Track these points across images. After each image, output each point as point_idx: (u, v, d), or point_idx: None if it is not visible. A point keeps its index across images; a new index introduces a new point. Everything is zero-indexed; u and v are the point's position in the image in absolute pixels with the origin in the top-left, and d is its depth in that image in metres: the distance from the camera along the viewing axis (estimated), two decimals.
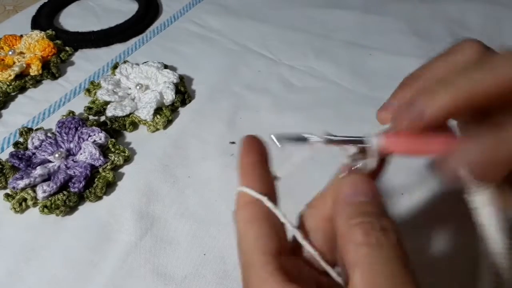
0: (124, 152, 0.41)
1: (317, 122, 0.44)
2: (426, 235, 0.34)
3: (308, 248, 0.19)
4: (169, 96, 0.46)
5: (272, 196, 0.20)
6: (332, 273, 0.19)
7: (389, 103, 0.21)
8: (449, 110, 0.17)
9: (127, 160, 0.42)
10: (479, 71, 0.17)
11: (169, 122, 0.45)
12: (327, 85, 0.48)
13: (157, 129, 0.45)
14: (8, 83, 0.50)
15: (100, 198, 0.39)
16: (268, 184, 0.20)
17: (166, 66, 0.51)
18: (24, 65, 0.51)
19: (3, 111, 0.49)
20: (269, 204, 0.19)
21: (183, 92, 0.48)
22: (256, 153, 0.21)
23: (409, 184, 0.37)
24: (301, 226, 0.20)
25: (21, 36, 0.56)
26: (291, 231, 0.20)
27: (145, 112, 0.44)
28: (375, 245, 0.16)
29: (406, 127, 0.18)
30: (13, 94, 0.50)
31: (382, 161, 0.21)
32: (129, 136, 0.45)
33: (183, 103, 0.47)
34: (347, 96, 0.47)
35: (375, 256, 0.16)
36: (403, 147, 0.19)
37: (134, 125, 0.45)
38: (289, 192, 0.24)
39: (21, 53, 0.54)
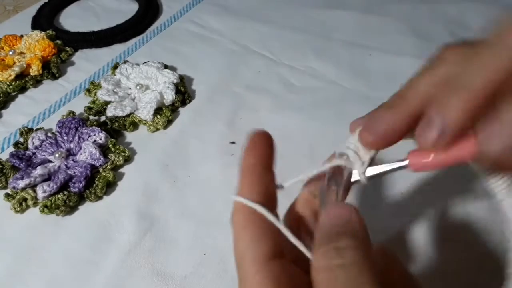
0: (124, 152, 0.42)
1: (317, 122, 0.44)
2: (425, 234, 0.34)
3: (299, 246, 0.19)
4: (169, 96, 0.46)
5: (271, 200, 0.19)
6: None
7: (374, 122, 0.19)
8: (468, 114, 0.16)
9: (127, 160, 0.42)
10: (475, 68, 0.16)
11: (169, 122, 0.45)
12: (327, 85, 0.49)
13: (157, 129, 0.45)
14: (8, 83, 0.50)
15: (100, 198, 0.39)
16: (266, 188, 0.19)
17: (166, 66, 0.51)
18: (25, 65, 0.51)
19: (3, 111, 0.49)
20: (263, 211, 0.18)
21: (183, 92, 0.48)
22: (260, 154, 0.20)
23: (408, 184, 0.37)
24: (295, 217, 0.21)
25: (22, 36, 0.56)
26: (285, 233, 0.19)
27: (145, 112, 0.44)
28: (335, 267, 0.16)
29: (432, 145, 0.17)
30: (13, 94, 0.50)
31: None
32: (129, 136, 0.45)
33: (183, 103, 0.47)
34: (347, 96, 0.47)
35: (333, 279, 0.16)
36: (433, 164, 0.18)
37: (134, 125, 0.45)
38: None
39: (22, 53, 0.54)
